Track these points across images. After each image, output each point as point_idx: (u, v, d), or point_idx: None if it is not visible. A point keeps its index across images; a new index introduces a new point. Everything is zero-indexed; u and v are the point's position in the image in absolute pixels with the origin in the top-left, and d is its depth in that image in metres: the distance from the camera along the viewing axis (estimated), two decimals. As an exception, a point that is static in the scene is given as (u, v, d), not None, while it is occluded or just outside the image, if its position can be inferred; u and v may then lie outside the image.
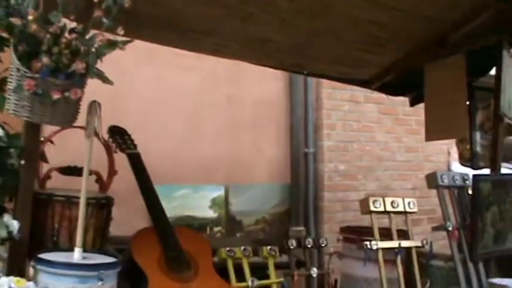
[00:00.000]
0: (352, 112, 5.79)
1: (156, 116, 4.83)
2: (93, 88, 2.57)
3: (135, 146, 3.42)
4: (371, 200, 3.83)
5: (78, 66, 2.37)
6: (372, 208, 3.80)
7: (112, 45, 2.47)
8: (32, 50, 2.34)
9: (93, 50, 2.43)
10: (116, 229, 3.50)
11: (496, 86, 3.77)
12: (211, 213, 5.19)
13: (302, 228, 5.46)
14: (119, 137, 3.42)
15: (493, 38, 3.77)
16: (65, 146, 3.35)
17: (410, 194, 5.71)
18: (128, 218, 4.08)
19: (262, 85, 5.38)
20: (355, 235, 4.07)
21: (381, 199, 3.87)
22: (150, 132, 4.65)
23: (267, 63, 4.28)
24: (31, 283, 2.24)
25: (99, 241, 2.93)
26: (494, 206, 3.71)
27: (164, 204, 4.81)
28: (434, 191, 4.01)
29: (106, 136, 3.39)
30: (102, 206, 2.97)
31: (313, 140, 5.59)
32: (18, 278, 2.20)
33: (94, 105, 2.52)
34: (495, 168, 3.84)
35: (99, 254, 2.66)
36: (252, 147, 5.35)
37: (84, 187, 2.52)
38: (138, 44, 3.53)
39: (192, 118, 5.03)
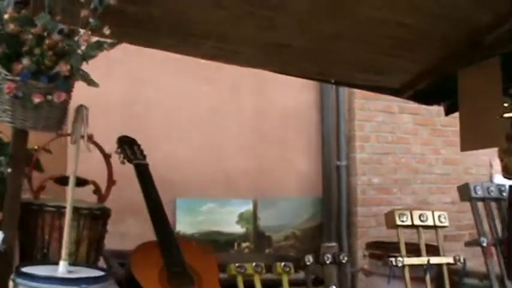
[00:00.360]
0: (386, 123, 5.57)
1: (180, 127, 4.72)
2: (115, 99, 2.47)
3: (144, 157, 3.31)
4: (397, 213, 3.66)
5: (62, 68, 2.27)
6: (398, 222, 3.63)
7: (99, 46, 2.36)
8: (12, 51, 2.26)
9: (79, 51, 2.31)
10: (126, 242, 3.38)
11: (537, 93, 3.55)
12: (238, 229, 5.02)
13: (334, 244, 5.22)
14: (128, 147, 3.31)
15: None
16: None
17: (449, 208, 5.40)
18: (142, 231, 3.95)
19: (291, 95, 5.22)
20: (382, 251, 3.90)
21: (408, 212, 3.69)
22: (174, 144, 4.57)
23: (288, 71, 4.08)
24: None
25: (93, 254, 2.81)
26: (533, 219, 3.49)
27: (189, 218, 4.80)
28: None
29: (115, 146, 3.31)
30: (96, 217, 2.84)
31: (345, 153, 5.39)
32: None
33: (81, 110, 2.40)
34: (534, 179, 3.60)
35: (88, 268, 2.52)
36: (282, 160, 5.18)
37: (70, 196, 2.39)
38: (161, 54, 3.45)
39: (218, 130, 4.90)
